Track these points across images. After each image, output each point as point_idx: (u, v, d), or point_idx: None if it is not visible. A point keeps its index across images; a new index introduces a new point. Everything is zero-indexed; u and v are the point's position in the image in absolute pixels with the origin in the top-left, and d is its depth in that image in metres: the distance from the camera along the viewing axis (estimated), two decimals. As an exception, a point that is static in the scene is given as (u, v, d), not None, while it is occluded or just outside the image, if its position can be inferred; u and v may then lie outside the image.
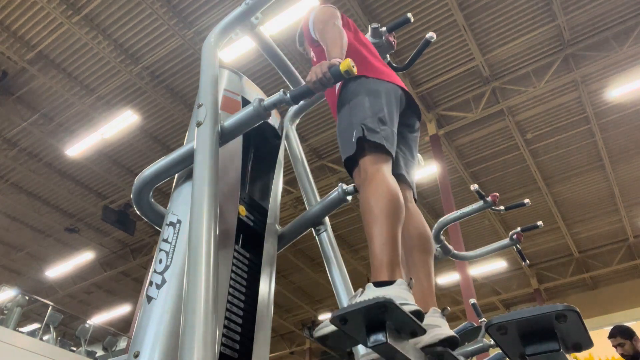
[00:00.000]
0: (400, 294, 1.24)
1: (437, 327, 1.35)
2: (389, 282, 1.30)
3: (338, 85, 1.89)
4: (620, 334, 3.86)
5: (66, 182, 12.06)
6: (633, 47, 8.43)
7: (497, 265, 13.83)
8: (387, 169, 1.59)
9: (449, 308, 1.51)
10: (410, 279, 1.35)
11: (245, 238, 1.88)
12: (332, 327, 1.21)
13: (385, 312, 1.03)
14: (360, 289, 1.33)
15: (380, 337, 1.05)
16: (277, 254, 2.03)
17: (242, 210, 1.90)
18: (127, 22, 8.59)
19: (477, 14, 8.26)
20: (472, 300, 3.34)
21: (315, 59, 2.10)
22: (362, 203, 1.51)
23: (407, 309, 1.14)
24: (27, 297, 10.48)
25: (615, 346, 3.88)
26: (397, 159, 1.82)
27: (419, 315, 1.20)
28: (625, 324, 3.87)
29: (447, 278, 13.90)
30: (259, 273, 1.83)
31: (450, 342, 1.30)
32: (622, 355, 3.84)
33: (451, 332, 1.33)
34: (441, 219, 3.19)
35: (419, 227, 1.73)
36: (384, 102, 1.74)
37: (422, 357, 1.24)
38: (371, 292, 1.27)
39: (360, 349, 1.66)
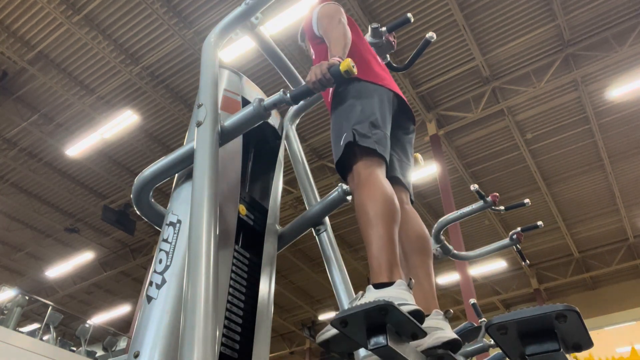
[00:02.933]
0: (400, 295, 1.24)
1: (440, 329, 1.34)
2: (389, 283, 1.30)
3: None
4: None
5: (66, 182, 12.06)
6: (633, 47, 8.43)
7: (497, 265, 13.83)
8: (380, 172, 1.58)
9: (451, 310, 1.50)
10: (410, 279, 1.35)
11: (245, 237, 1.89)
12: (334, 331, 1.21)
13: (386, 314, 1.03)
14: (361, 292, 1.33)
15: (380, 339, 1.04)
16: (277, 254, 2.03)
17: (242, 209, 1.90)
18: (127, 22, 8.59)
19: (477, 14, 8.26)
20: (472, 300, 3.34)
21: (315, 57, 2.10)
22: (357, 207, 1.50)
23: (406, 309, 1.14)
24: (27, 297, 10.47)
25: None
26: (392, 162, 1.81)
27: (419, 315, 1.19)
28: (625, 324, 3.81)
29: (447, 278, 13.90)
30: (259, 273, 1.83)
31: (452, 345, 1.30)
32: None
33: (454, 335, 1.33)
34: (441, 219, 3.19)
35: (417, 229, 1.72)
36: (377, 105, 1.73)
37: (423, 359, 1.23)
38: (371, 294, 1.27)
39: (361, 352, 1.66)
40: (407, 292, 1.27)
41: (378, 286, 1.30)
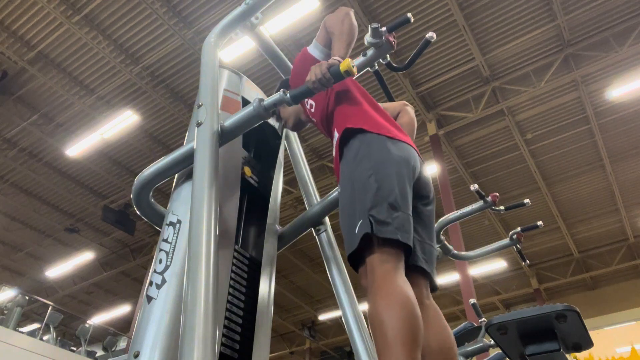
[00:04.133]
0: None
1: None
2: None
3: (335, 138, 1.68)
4: None
5: (66, 182, 12.05)
6: (633, 47, 8.43)
7: (497, 265, 13.82)
8: (400, 269, 1.33)
9: None
10: None
11: (251, 199, 1.91)
12: None
13: None
14: None
15: None
16: (277, 254, 2.03)
17: (248, 170, 1.91)
18: (127, 22, 8.59)
19: (477, 14, 8.26)
20: (472, 300, 3.34)
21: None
22: (372, 317, 1.25)
23: None
24: (27, 297, 10.47)
25: None
26: (413, 246, 1.45)
27: None
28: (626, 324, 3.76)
29: (447, 278, 13.89)
30: (259, 273, 1.83)
31: None
32: None
33: None
34: (441, 219, 3.19)
35: (441, 335, 1.43)
36: (395, 178, 1.44)
37: None
38: None
39: None
40: None
41: None
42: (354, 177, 1.48)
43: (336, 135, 1.66)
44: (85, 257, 14.56)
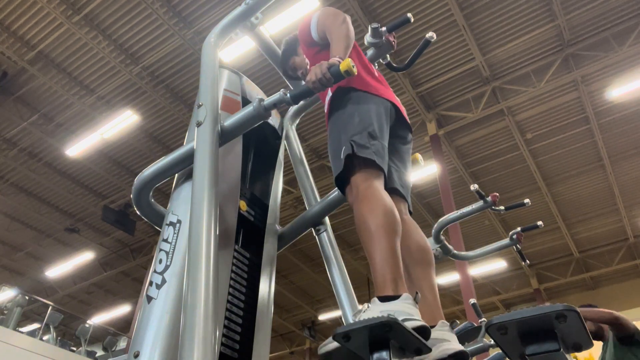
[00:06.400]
0: (406, 309, 1.23)
1: (446, 341, 1.33)
2: (395, 297, 1.28)
3: (328, 97, 1.86)
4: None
5: (66, 182, 12.06)
6: (633, 47, 8.43)
7: (497, 265, 13.83)
8: (379, 184, 1.56)
9: (457, 322, 1.48)
10: (417, 292, 1.34)
11: (246, 235, 1.89)
12: (336, 344, 1.20)
13: (390, 330, 1.02)
14: (366, 304, 1.32)
15: (383, 355, 1.04)
16: (277, 254, 2.03)
17: (243, 205, 1.90)
18: (127, 22, 8.59)
19: (477, 14, 8.26)
20: (472, 300, 3.34)
21: (309, 66, 2.05)
22: (357, 221, 1.47)
23: (411, 324, 1.13)
24: (27, 297, 10.47)
25: None
26: (390, 173, 1.77)
27: (425, 331, 1.19)
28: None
29: (447, 278, 13.89)
30: (259, 273, 1.83)
31: (459, 357, 1.29)
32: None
33: (460, 347, 1.32)
34: (441, 219, 3.19)
35: (418, 240, 1.70)
36: (374, 116, 1.70)
37: None
38: (377, 308, 1.26)
39: None
40: (413, 307, 1.25)
41: (384, 299, 1.29)
42: (341, 117, 1.72)
43: (330, 93, 1.85)
44: (85, 257, 14.56)
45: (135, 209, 1.83)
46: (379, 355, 1.04)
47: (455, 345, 1.32)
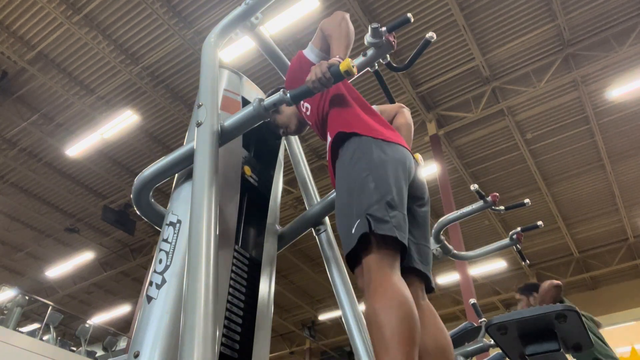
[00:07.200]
0: None
1: None
2: None
3: (328, 140, 1.68)
4: (520, 290, 3.71)
5: (66, 182, 12.06)
6: (633, 47, 8.42)
7: (497, 265, 13.82)
8: (396, 269, 1.33)
9: None
10: None
11: (250, 199, 1.91)
12: None
13: None
14: None
15: None
16: (277, 254, 2.03)
17: (247, 170, 1.91)
18: (127, 22, 8.59)
19: (477, 14, 8.26)
20: (472, 300, 3.35)
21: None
22: (369, 318, 1.25)
23: None
24: (27, 297, 10.47)
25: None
26: (408, 247, 1.46)
27: None
28: (629, 325, 3.71)
29: (447, 278, 13.89)
30: (259, 273, 1.83)
31: None
32: None
33: None
34: (441, 219, 3.19)
35: (436, 336, 1.44)
36: (391, 178, 1.44)
37: None
38: None
39: None
40: None
41: None
42: (350, 178, 1.48)
43: (329, 138, 1.67)
44: (85, 257, 14.56)
45: (135, 209, 1.83)
46: None
47: None
